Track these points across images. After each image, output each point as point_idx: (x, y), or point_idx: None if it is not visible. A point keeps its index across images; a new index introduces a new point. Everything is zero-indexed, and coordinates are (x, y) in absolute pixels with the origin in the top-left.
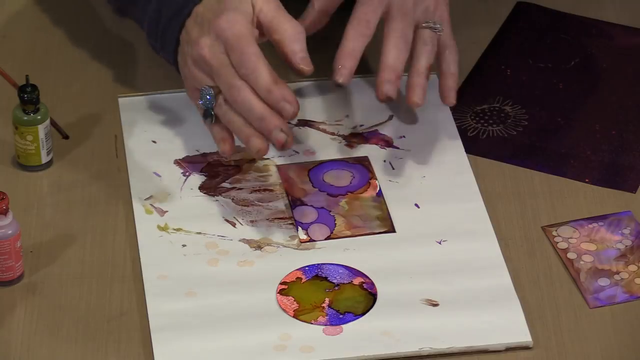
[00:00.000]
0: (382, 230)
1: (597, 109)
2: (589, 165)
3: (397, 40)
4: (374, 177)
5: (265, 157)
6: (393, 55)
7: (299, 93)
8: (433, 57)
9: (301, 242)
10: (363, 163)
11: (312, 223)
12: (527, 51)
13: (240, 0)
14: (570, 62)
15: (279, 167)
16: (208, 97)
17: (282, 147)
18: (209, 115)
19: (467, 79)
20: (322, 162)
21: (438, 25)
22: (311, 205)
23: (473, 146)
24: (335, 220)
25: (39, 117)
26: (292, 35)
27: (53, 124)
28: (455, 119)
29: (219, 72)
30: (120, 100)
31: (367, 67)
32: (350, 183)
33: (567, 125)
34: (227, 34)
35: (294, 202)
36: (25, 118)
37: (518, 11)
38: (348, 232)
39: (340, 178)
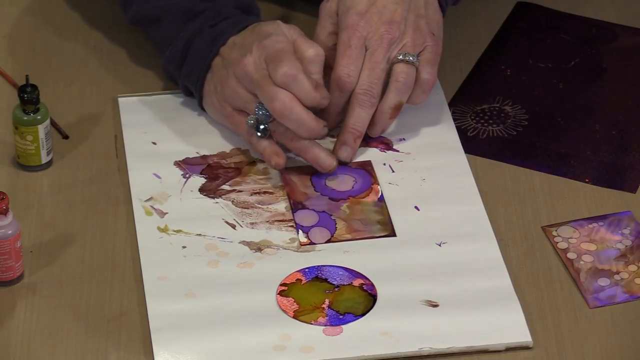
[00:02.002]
0: (382, 234)
1: (597, 109)
2: (589, 165)
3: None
4: (376, 182)
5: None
6: (355, 114)
7: None
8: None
9: (301, 245)
10: (366, 168)
11: (312, 226)
12: (527, 51)
13: (273, 27)
14: (570, 62)
15: (281, 170)
16: (265, 112)
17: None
18: (263, 130)
19: (467, 79)
20: None
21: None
22: (312, 209)
23: (473, 146)
24: (336, 224)
25: (39, 117)
26: (311, 57)
27: (53, 124)
28: (455, 119)
29: (262, 86)
30: (120, 100)
31: None
32: (353, 188)
33: (567, 125)
34: (270, 50)
35: (295, 206)
36: (25, 118)
37: (518, 11)
38: (348, 236)
39: (343, 182)
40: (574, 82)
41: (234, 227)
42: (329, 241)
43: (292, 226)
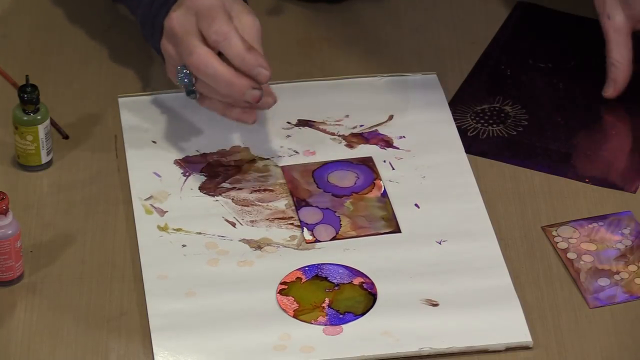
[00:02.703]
0: (387, 231)
1: (597, 109)
2: (589, 166)
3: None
4: (378, 177)
5: (265, 157)
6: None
7: (299, 93)
8: None
9: (307, 243)
10: (367, 164)
11: (317, 224)
12: (527, 51)
13: None
14: (570, 62)
15: (283, 168)
16: (185, 76)
17: (258, 103)
18: (191, 93)
19: (467, 79)
20: (326, 163)
21: None
22: (316, 206)
23: (473, 146)
24: (340, 221)
25: (39, 117)
26: (250, 22)
27: (53, 124)
28: (455, 119)
29: (183, 40)
30: (120, 100)
31: (367, 67)
32: (355, 184)
33: (567, 125)
34: (199, 5)
35: (299, 203)
36: (25, 118)
37: (518, 11)
38: (353, 233)
39: (345, 179)
40: (574, 82)
41: (234, 225)
42: (334, 238)
43: (292, 224)
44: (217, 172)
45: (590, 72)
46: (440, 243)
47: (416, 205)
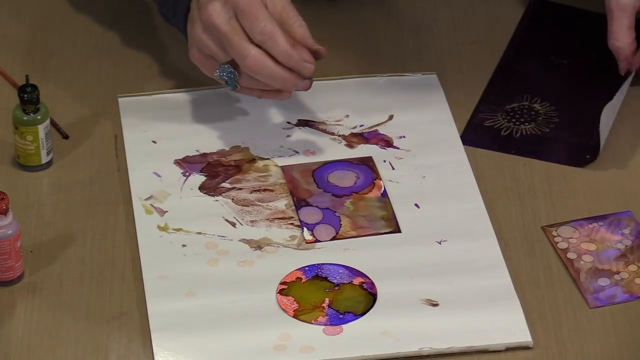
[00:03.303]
0: (387, 231)
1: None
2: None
3: None
4: (378, 177)
5: (265, 157)
6: None
7: (299, 93)
8: None
9: (307, 243)
10: (367, 163)
11: (317, 224)
12: (548, 48)
13: None
14: (592, 57)
15: (283, 167)
16: (229, 74)
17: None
18: (233, 86)
19: (492, 78)
20: (326, 163)
21: None
22: (316, 206)
23: (508, 145)
24: (340, 220)
25: (39, 117)
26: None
27: (53, 124)
28: (486, 119)
29: (231, 40)
30: (120, 100)
31: (367, 68)
32: (355, 183)
33: (595, 120)
34: (240, 2)
35: (299, 203)
36: (25, 118)
37: (535, 8)
38: (353, 233)
39: (345, 178)
40: (595, 77)
41: (234, 225)
42: (334, 238)
43: (292, 224)
44: (217, 172)
45: (610, 67)
46: (440, 243)
47: (416, 205)
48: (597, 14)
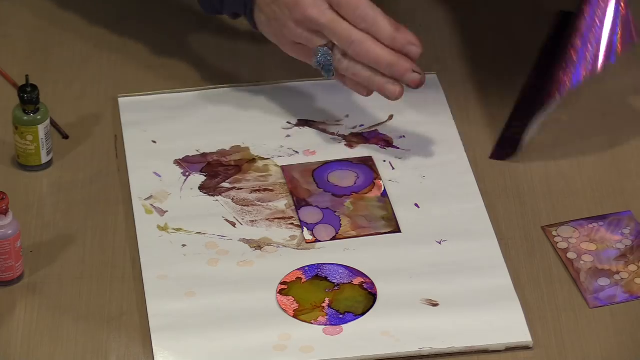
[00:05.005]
0: (387, 231)
1: None
2: None
3: None
4: (378, 177)
5: (265, 157)
6: None
7: (299, 93)
8: None
9: (307, 243)
10: (367, 163)
11: (317, 224)
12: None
13: None
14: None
15: (283, 167)
16: (326, 56)
17: (417, 86)
18: (328, 71)
19: (524, 90)
20: (326, 163)
21: None
22: (316, 206)
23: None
24: (340, 220)
25: (39, 117)
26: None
27: (53, 124)
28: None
29: (334, 29)
30: (120, 100)
31: None
32: (355, 183)
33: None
34: None
35: (299, 203)
36: (25, 118)
37: (563, 20)
38: (353, 233)
39: (345, 178)
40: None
41: (234, 225)
42: (334, 238)
43: (292, 224)
44: (217, 172)
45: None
46: (440, 243)
47: (416, 205)
48: None
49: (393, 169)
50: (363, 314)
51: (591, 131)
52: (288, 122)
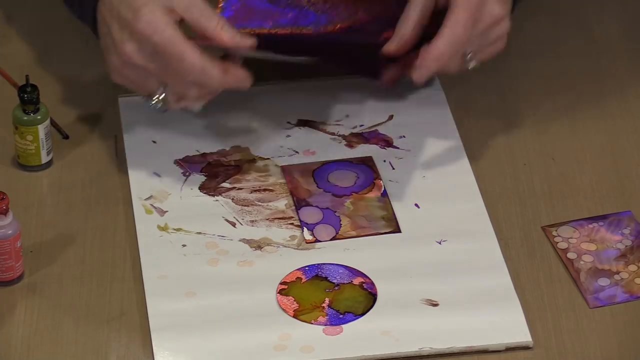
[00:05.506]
0: (387, 231)
1: None
2: None
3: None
4: (378, 177)
5: (265, 157)
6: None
7: (299, 93)
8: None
9: (307, 243)
10: (367, 163)
11: (317, 224)
12: None
13: None
14: None
15: (283, 167)
16: (158, 105)
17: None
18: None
19: None
20: (326, 163)
21: (472, 62)
22: (316, 206)
23: None
24: (340, 220)
25: (39, 117)
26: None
27: (53, 124)
28: None
29: (164, 78)
30: (120, 100)
31: None
32: (355, 183)
33: None
34: (155, 40)
35: (299, 203)
36: (25, 118)
37: None
38: (353, 233)
39: (345, 178)
40: None
41: (234, 225)
42: (334, 238)
43: (292, 224)
44: (217, 172)
45: None
46: (440, 243)
47: (416, 205)
48: None
49: (393, 169)
50: (363, 314)
51: (591, 131)
52: (288, 122)
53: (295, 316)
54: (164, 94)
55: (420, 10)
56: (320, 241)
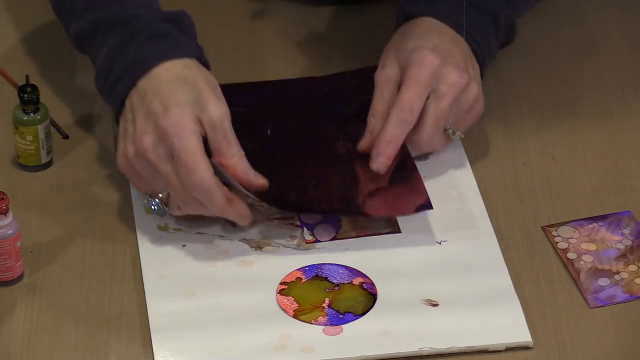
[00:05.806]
0: (387, 231)
1: None
2: None
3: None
4: None
5: None
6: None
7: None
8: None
9: (307, 243)
10: None
11: (317, 224)
12: None
13: (181, 96)
14: None
15: None
16: (157, 208)
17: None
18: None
19: None
20: None
21: (457, 134)
22: None
23: None
24: (340, 220)
25: (39, 117)
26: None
27: (53, 124)
28: None
29: (169, 184)
30: None
31: (367, 62)
32: None
33: None
34: (174, 143)
35: None
36: (25, 118)
37: None
38: (353, 233)
39: None
40: None
41: (233, 225)
42: (334, 238)
43: (292, 224)
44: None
45: None
46: (440, 243)
47: None
48: None
49: None
50: (363, 314)
51: (591, 131)
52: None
53: (295, 316)
54: (166, 197)
55: (386, 103)
56: (320, 241)
